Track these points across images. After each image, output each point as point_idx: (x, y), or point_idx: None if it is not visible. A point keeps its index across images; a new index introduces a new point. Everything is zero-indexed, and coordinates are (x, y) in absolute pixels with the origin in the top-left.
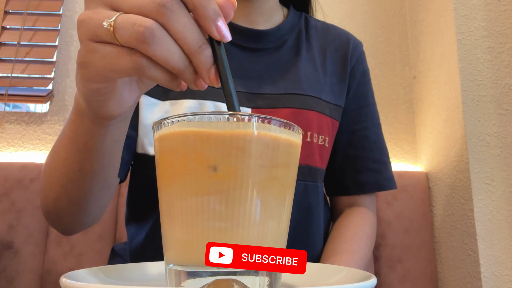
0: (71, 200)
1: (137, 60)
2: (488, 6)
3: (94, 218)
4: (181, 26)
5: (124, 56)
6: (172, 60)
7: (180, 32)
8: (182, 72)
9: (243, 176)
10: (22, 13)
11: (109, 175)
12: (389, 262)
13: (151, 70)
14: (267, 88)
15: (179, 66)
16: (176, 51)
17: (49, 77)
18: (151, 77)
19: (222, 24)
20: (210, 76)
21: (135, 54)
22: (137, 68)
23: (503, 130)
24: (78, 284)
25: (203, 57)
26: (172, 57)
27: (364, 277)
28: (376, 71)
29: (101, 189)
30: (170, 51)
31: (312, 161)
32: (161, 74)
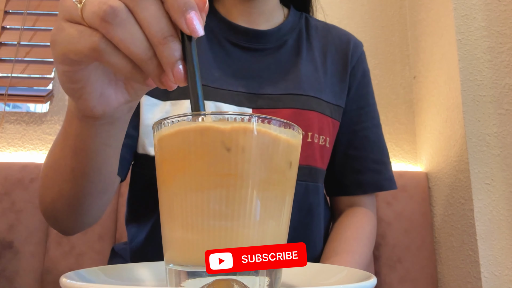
0: (67, 202)
1: (95, 41)
2: (488, 6)
3: (92, 220)
4: (148, 14)
5: (85, 37)
6: (133, 46)
7: (145, 19)
8: (144, 63)
9: (243, 176)
10: (22, 13)
11: (103, 179)
12: (389, 262)
13: (110, 55)
14: (268, 89)
15: (141, 55)
16: (139, 38)
17: (49, 77)
18: (110, 63)
19: (194, 16)
20: (174, 71)
21: (96, 35)
22: (95, 50)
23: (503, 130)
24: (78, 284)
25: (168, 49)
26: (133, 42)
27: (364, 277)
28: (376, 71)
29: (97, 193)
30: (132, 36)
31: (312, 161)
32: (121, 61)
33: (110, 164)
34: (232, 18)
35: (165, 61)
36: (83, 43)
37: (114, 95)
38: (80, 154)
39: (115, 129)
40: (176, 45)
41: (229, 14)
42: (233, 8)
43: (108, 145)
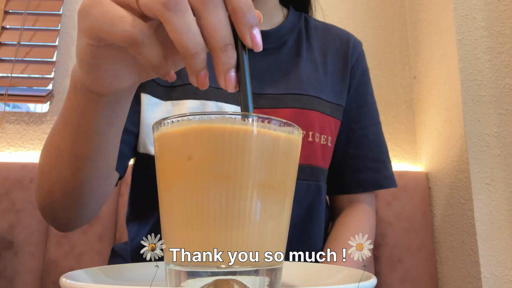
0: (65, 190)
1: (135, 33)
2: (488, 6)
3: (90, 214)
4: (216, 19)
5: (125, 24)
6: (186, 37)
7: (212, 25)
8: (190, 56)
9: (243, 176)
10: (22, 13)
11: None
12: (389, 262)
13: (144, 47)
14: (269, 89)
15: (190, 47)
16: (194, 31)
17: (49, 77)
18: (142, 54)
19: (257, 32)
20: (227, 78)
21: (137, 25)
22: (131, 40)
23: (503, 130)
24: (78, 284)
25: (226, 56)
26: (187, 33)
27: (364, 277)
28: (376, 71)
29: (97, 179)
30: (188, 28)
31: (314, 160)
32: (153, 54)
33: (112, 147)
34: None
35: (221, 67)
36: (121, 30)
37: (126, 76)
38: (82, 134)
39: (119, 108)
40: (234, 53)
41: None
42: None
43: (112, 124)
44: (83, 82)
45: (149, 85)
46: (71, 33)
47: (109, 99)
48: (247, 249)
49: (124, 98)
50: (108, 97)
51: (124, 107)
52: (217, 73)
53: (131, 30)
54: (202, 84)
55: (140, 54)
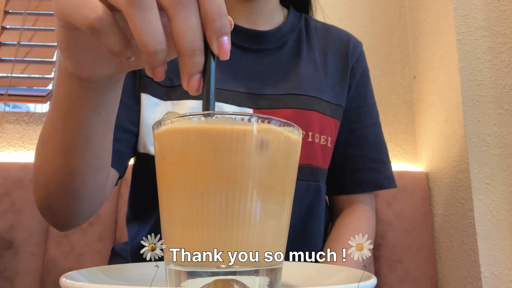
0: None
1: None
2: (488, 6)
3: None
4: (186, 25)
5: (88, 8)
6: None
7: (181, 29)
8: (148, 54)
9: (243, 176)
10: (22, 13)
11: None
12: (389, 262)
13: (103, 34)
14: (269, 89)
15: (149, 46)
16: (157, 31)
17: (49, 77)
18: (100, 40)
19: (226, 41)
20: (191, 81)
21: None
22: (90, 26)
23: (503, 130)
24: (78, 284)
25: (193, 62)
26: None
27: (364, 277)
28: (376, 71)
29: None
30: (149, 25)
31: (314, 161)
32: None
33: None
34: (233, 19)
35: (186, 71)
36: (82, 15)
37: (107, 64)
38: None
39: (103, 96)
40: (201, 59)
41: (229, 15)
42: (234, 9)
43: (99, 112)
44: (66, 66)
45: (149, 85)
46: None
47: (92, 85)
48: (247, 249)
49: (108, 88)
50: (90, 83)
51: (111, 97)
52: (181, 75)
53: (91, 16)
54: (157, 77)
55: (99, 40)
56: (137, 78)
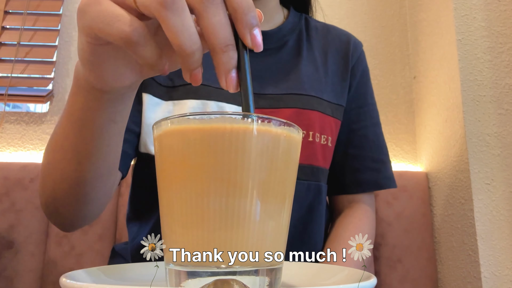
0: (68, 188)
1: (130, 32)
2: (488, 6)
3: (93, 212)
4: (216, 20)
5: (122, 21)
6: (182, 35)
7: (212, 25)
8: (186, 56)
9: (243, 176)
10: (22, 13)
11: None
12: (389, 262)
13: (139, 46)
14: (269, 89)
15: (186, 47)
16: (192, 31)
17: (49, 77)
18: (137, 53)
19: (257, 33)
20: (228, 79)
21: (133, 25)
22: (126, 39)
23: (503, 130)
24: (78, 284)
25: (227, 57)
26: (183, 32)
27: (364, 277)
28: (376, 71)
29: (100, 177)
30: (184, 26)
31: (314, 160)
32: (148, 54)
33: (114, 145)
34: None
35: (222, 67)
36: (116, 28)
37: (128, 73)
38: (84, 131)
39: (121, 105)
40: (235, 54)
41: None
42: None
43: (115, 121)
44: (86, 79)
45: (150, 85)
46: (71, 33)
47: (112, 96)
48: (247, 249)
49: (126, 95)
50: (111, 94)
51: (127, 104)
52: (218, 74)
53: (126, 30)
54: (195, 81)
55: (135, 53)
56: None
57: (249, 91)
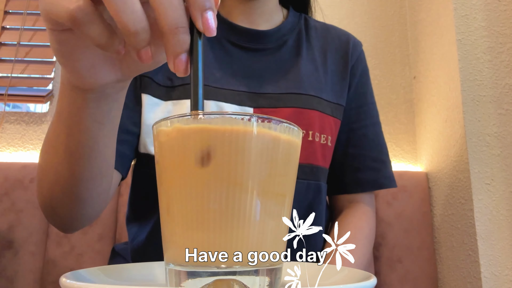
0: (63, 187)
1: (74, 9)
2: (488, 6)
3: (92, 213)
4: (167, 2)
5: (67, 1)
6: (125, 15)
7: (162, 6)
8: (130, 35)
9: (243, 176)
10: (22, 13)
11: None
12: (389, 262)
13: (87, 26)
14: (269, 88)
15: (130, 26)
16: (136, 9)
17: (49, 77)
18: (84, 32)
19: (211, 16)
20: (177, 60)
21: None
22: (71, 17)
23: (503, 130)
24: (78, 284)
25: (177, 39)
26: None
27: (364, 277)
28: (376, 71)
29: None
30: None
31: (314, 160)
32: (96, 33)
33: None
34: (233, 19)
35: (171, 49)
36: (61, 7)
37: (107, 71)
38: (73, 132)
39: (107, 106)
40: (186, 37)
41: (229, 14)
42: (234, 9)
43: (101, 122)
44: (66, 77)
45: (149, 86)
46: None
47: (95, 95)
48: (247, 249)
49: (111, 97)
50: (93, 93)
51: (114, 106)
52: (167, 56)
53: (70, 7)
54: (143, 59)
55: (82, 32)
56: (137, 79)
57: (199, 77)
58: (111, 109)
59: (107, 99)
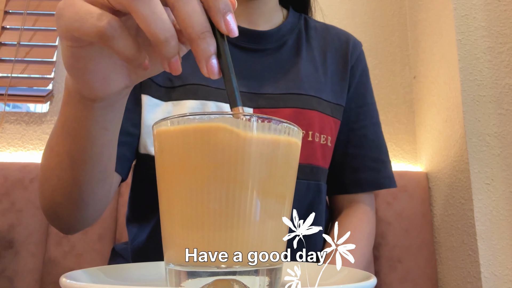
0: (66, 192)
1: (103, 26)
2: (488, 6)
3: (93, 215)
4: (190, 8)
5: (94, 19)
6: (155, 25)
7: (186, 13)
8: (160, 44)
9: (243, 176)
10: (22, 13)
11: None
12: (389, 262)
13: (115, 40)
14: (268, 88)
15: (160, 35)
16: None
17: (49, 77)
18: (114, 47)
19: (231, 18)
20: (209, 64)
21: (104, 19)
22: (101, 35)
23: (503, 130)
24: (78, 284)
25: (205, 43)
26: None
27: (364, 277)
28: (376, 71)
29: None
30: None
31: (314, 160)
32: (124, 47)
33: (108, 151)
34: None
35: (201, 54)
36: (89, 25)
37: (116, 79)
38: (78, 139)
39: (113, 112)
40: (212, 40)
41: None
42: None
43: (107, 129)
44: (75, 88)
45: (149, 86)
46: None
47: (102, 104)
48: (247, 249)
49: (117, 103)
50: (101, 102)
51: (118, 111)
52: (198, 62)
53: (100, 24)
54: (174, 70)
55: (111, 47)
56: None
57: (232, 78)
58: (116, 114)
59: (113, 106)
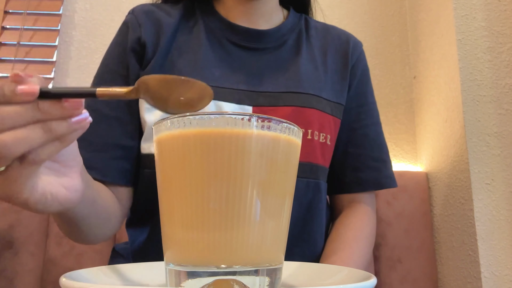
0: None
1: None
2: (488, 6)
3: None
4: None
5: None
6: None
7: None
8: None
9: (243, 176)
10: (22, 13)
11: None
12: (389, 262)
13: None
14: (268, 86)
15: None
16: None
17: (49, 77)
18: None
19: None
20: (77, 122)
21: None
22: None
23: (503, 130)
24: (78, 284)
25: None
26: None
27: (364, 277)
28: (376, 71)
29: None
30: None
31: (313, 158)
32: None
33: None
34: (232, 19)
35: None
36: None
37: (76, 185)
38: (74, 223)
39: (90, 189)
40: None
41: (229, 15)
42: (233, 9)
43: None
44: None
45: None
46: (71, 33)
47: (70, 208)
48: (247, 249)
49: (87, 182)
50: (68, 210)
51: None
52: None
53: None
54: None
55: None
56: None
57: (70, 91)
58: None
59: (81, 206)
